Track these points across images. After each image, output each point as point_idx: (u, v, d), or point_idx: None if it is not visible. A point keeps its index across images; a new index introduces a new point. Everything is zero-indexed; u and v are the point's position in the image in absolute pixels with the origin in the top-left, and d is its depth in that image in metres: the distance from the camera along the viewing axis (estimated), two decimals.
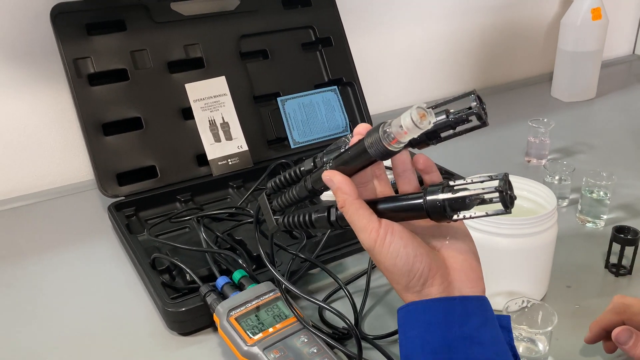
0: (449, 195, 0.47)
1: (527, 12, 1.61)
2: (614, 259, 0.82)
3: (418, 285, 0.49)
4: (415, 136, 0.45)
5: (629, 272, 0.80)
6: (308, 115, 1.13)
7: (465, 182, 0.48)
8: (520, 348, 0.66)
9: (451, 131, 0.52)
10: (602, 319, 0.64)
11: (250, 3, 1.12)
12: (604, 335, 0.65)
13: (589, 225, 0.93)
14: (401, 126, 0.44)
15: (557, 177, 0.99)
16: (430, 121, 0.44)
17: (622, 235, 0.80)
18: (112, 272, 0.85)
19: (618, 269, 0.81)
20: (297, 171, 0.59)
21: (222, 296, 0.69)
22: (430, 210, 0.47)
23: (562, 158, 1.17)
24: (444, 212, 0.47)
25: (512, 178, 0.76)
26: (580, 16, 1.38)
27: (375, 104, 1.37)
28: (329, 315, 0.74)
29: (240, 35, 1.10)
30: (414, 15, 1.43)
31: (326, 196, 0.97)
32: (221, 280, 0.71)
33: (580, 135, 1.27)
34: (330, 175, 0.51)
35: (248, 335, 0.63)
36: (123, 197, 0.96)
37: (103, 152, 0.97)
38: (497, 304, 0.72)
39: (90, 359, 0.69)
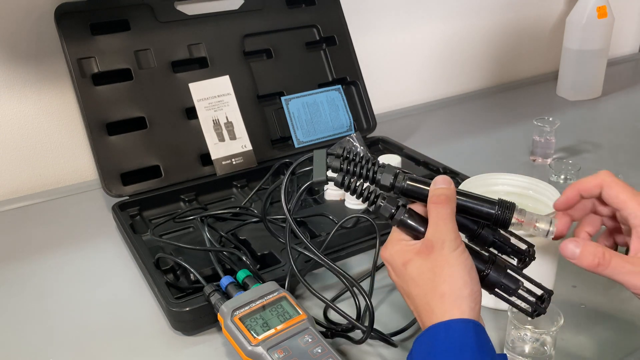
0: (506, 280, 0.56)
1: (533, 11, 1.61)
2: None
3: (473, 303, 0.52)
4: (528, 232, 0.57)
5: None
6: (312, 114, 1.13)
7: (520, 273, 0.57)
8: (526, 348, 0.66)
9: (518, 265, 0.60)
10: (582, 181, 0.60)
11: (254, 2, 1.11)
12: (577, 201, 0.61)
13: None
14: (537, 222, 0.56)
15: (562, 176, 0.99)
16: (551, 237, 0.57)
17: None
18: (116, 271, 0.85)
19: None
20: (373, 173, 0.58)
21: (226, 296, 0.69)
22: (489, 278, 0.56)
23: (567, 157, 1.16)
24: (492, 287, 0.56)
25: (517, 177, 0.76)
26: (586, 14, 1.38)
27: (379, 103, 1.37)
28: (334, 315, 0.73)
29: (244, 35, 1.10)
30: (418, 14, 1.43)
31: (330, 195, 0.97)
32: (225, 280, 0.71)
33: (586, 134, 1.27)
34: (451, 180, 0.56)
35: (252, 335, 0.63)
36: (127, 197, 0.96)
37: (107, 151, 0.97)
38: (502, 303, 0.71)
39: (94, 359, 0.69)
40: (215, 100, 1.05)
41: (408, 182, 0.57)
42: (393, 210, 0.56)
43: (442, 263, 0.52)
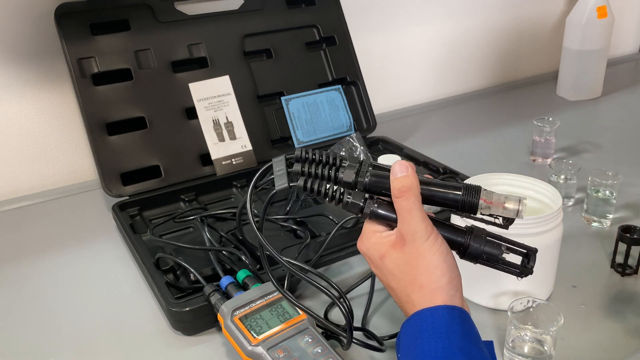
0: (488, 248, 0.55)
1: (533, 11, 1.61)
2: (619, 259, 0.81)
3: (453, 290, 0.52)
4: (498, 214, 0.55)
5: (635, 271, 0.80)
6: (312, 114, 1.13)
7: (500, 237, 0.56)
8: (526, 348, 0.66)
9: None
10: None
11: (254, 2, 1.11)
12: None
13: (594, 224, 0.93)
14: (505, 203, 0.54)
15: (562, 176, 0.99)
16: (522, 216, 0.54)
17: (629, 235, 0.79)
18: (116, 272, 0.85)
19: (624, 269, 0.80)
20: (335, 171, 0.57)
21: (226, 296, 0.69)
22: (471, 250, 0.55)
23: (567, 157, 1.16)
24: (475, 257, 0.55)
25: (517, 177, 0.76)
26: (586, 14, 1.38)
27: (379, 103, 1.37)
28: (334, 316, 0.73)
29: (244, 35, 1.10)
30: (418, 14, 1.43)
31: None
32: (225, 280, 0.71)
33: (586, 134, 1.27)
34: (408, 165, 0.54)
35: (252, 335, 0.63)
36: (127, 197, 0.96)
37: (107, 151, 0.97)
38: (502, 303, 0.71)
39: (94, 359, 0.69)
40: (215, 100, 1.05)
41: (371, 178, 0.56)
42: (361, 204, 0.56)
43: (417, 254, 0.52)
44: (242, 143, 1.05)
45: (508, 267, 0.56)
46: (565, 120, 1.19)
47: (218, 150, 1.03)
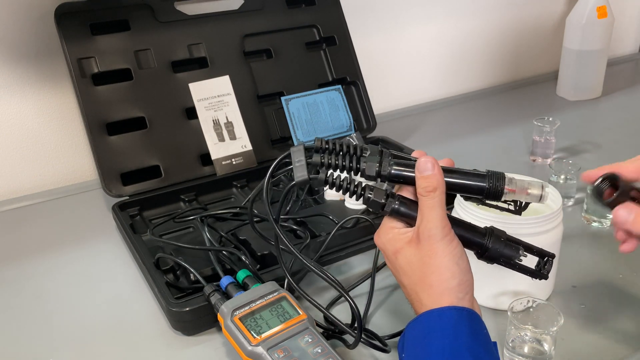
0: (507, 251, 0.56)
1: (533, 11, 1.61)
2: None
3: (462, 293, 0.52)
4: (521, 200, 0.56)
5: None
6: (312, 114, 1.13)
7: (519, 241, 0.57)
8: (526, 348, 0.66)
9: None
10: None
11: (254, 2, 1.11)
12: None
13: (594, 224, 0.93)
14: (529, 189, 0.55)
15: (562, 176, 0.99)
16: (544, 202, 0.56)
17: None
18: (116, 272, 0.85)
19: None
20: (357, 163, 0.56)
21: (226, 296, 0.69)
22: (489, 253, 0.56)
23: (567, 157, 1.16)
24: (493, 259, 0.56)
25: (516, 177, 0.76)
26: (586, 14, 1.38)
27: (379, 104, 1.37)
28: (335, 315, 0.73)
29: (244, 35, 1.10)
30: (418, 14, 1.43)
31: (330, 195, 0.96)
32: (225, 280, 0.71)
33: (586, 134, 1.27)
34: (434, 162, 0.54)
35: (252, 335, 0.63)
36: (127, 197, 0.96)
37: (107, 151, 0.97)
38: (502, 303, 0.71)
39: (94, 359, 0.69)
40: (215, 100, 1.05)
41: (394, 167, 0.56)
42: (382, 201, 0.56)
43: (430, 253, 0.53)
44: (242, 143, 1.05)
45: (523, 271, 0.56)
46: (565, 120, 1.19)
47: (218, 150, 1.03)
